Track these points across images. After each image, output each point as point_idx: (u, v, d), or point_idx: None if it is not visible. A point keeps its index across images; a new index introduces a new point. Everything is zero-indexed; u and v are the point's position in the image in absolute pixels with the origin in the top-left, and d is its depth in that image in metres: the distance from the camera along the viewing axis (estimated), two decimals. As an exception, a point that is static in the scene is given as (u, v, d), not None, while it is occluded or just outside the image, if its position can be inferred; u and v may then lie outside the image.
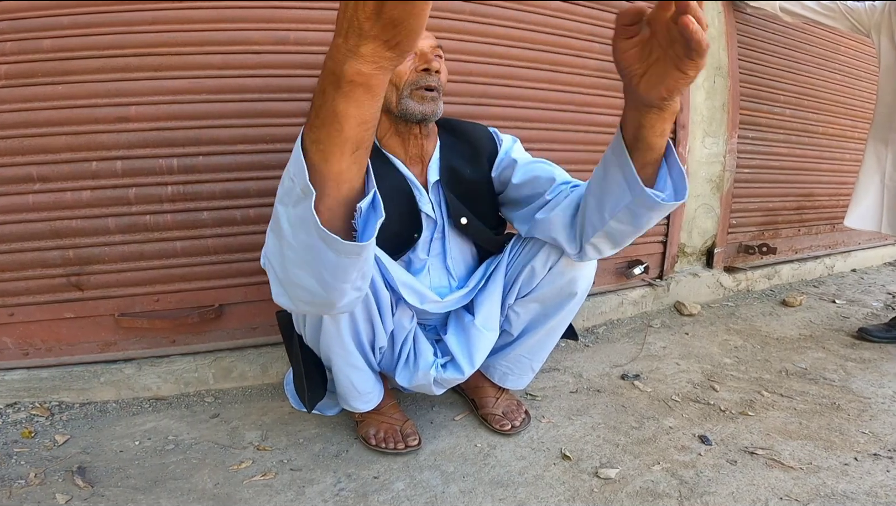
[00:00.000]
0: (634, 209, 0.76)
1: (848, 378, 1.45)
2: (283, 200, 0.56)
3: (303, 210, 0.53)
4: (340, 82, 0.47)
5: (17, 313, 1.25)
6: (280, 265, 0.61)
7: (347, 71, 0.46)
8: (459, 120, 1.12)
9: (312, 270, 0.59)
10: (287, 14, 1.29)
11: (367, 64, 0.45)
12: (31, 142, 1.19)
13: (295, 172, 0.52)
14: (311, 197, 0.51)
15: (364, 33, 0.43)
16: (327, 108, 0.49)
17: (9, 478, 0.99)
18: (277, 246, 0.60)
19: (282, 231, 0.58)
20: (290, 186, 0.54)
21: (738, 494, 0.95)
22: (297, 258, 0.59)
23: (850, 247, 2.83)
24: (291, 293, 0.64)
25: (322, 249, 0.55)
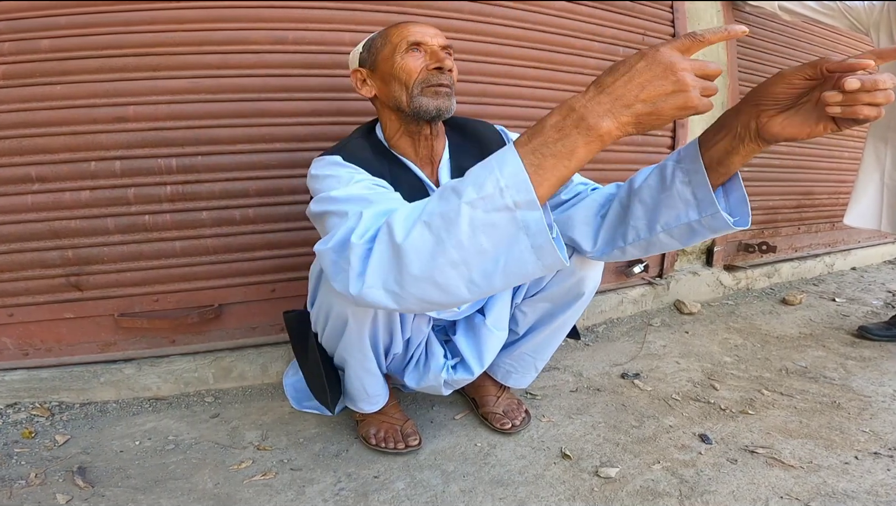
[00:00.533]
0: (697, 228, 0.75)
1: (848, 377, 1.45)
2: (476, 203, 0.57)
3: (502, 219, 0.57)
4: (590, 133, 0.54)
5: (17, 314, 1.25)
6: (426, 262, 0.60)
7: (602, 127, 0.53)
8: (467, 118, 1.11)
9: (473, 271, 0.60)
10: (285, 13, 1.29)
11: (617, 129, 0.53)
12: (30, 142, 1.19)
13: (508, 184, 0.56)
14: (537, 213, 0.55)
15: (633, 110, 0.53)
16: (566, 147, 0.55)
17: (9, 478, 0.99)
18: (433, 243, 0.59)
19: (453, 230, 0.58)
20: (493, 193, 0.56)
21: (738, 492, 0.95)
22: (459, 259, 0.59)
23: (850, 245, 2.83)
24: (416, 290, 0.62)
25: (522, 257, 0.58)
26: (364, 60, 0.97)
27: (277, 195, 1.33)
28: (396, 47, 0.92)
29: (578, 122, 0.54)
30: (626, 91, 0.52)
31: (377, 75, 0.95)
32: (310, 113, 1.33)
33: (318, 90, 1.33)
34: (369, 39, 0.98)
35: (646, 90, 0.52)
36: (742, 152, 0.67)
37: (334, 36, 1.33)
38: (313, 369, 1.04)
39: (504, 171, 0.56)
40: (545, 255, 0.57)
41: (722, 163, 0.69)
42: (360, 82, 0.98)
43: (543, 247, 0.57)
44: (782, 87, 0.61)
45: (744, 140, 0.66)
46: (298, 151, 1.32)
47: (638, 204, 0.81)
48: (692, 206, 0.74)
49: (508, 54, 1.56)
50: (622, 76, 0.53)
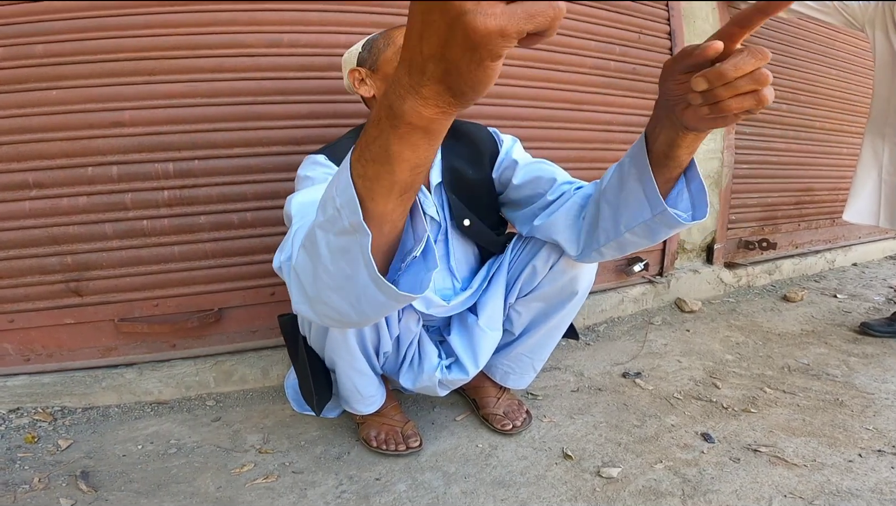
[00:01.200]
0: (653, 226, 0.73)
1: (851, 374, 1.44)
2: (324, 226, 0.51)
3: (348, 243, 0.49)
4: (398, 122, 0.41)
5: (18, 320, 1.25)
6: (311, 284, 0.56)
7: (407, 111, 0.39)
8: (459, 120, 1.10)
9: (349, 299, 0.54)
10: (280, 16, 1.29)
11: (429, 107, 0.39)
12: (26, 148, 1.19)
13: (343, 204, 0.47)
14: (366, 238, 0.47)
15: (427, 73, 0.37)
16: (380, 146, 0.43)
17: (13, 483, 0.99)
18: (310, 266, 0.55)
19: (319, 255, 0.53)
20: (334, 215, 0.49)
21: (741, 491, 0.95)
22: (333, 284, 0.54)
23: (850, 241, 2.82)
24: (318, 310, 0.59)
25: (370, 290, 0.51)
26: (364, 60, 0.97)
27: (275, 199, 1.33)
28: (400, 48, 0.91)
29: (388, 110, 0.41)
30: (412, 51, 0.37)
31: (378, 76, 0.95)
32: (306, 116, 1.33)
33: (314, 93, 1.32)
34: (369, 39, 0.98)
35: (424, 39, 0.35)
36: (683, 143, 0.62)
37: (329, 38, 1.33)
38: (302, 372, 1.04)
39: (339, 186, 0.47)
40: (382, 288, 0.50)
41: (669, 156, 0.65)
42: (357, 82, 0.98)
43: (377, 280, 0.49)
44: (670, 83, 0.57)
45: (676, 130, 0.61)
46: (295, 155, 1.32)
47: (605, 204, 0.80)
48: (644, 204, 0.71)
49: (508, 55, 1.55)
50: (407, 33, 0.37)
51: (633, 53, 1.80)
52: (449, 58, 0.35)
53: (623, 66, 1.79)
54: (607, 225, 0.81)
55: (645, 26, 1.83)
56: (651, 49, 1.85)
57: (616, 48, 1.77)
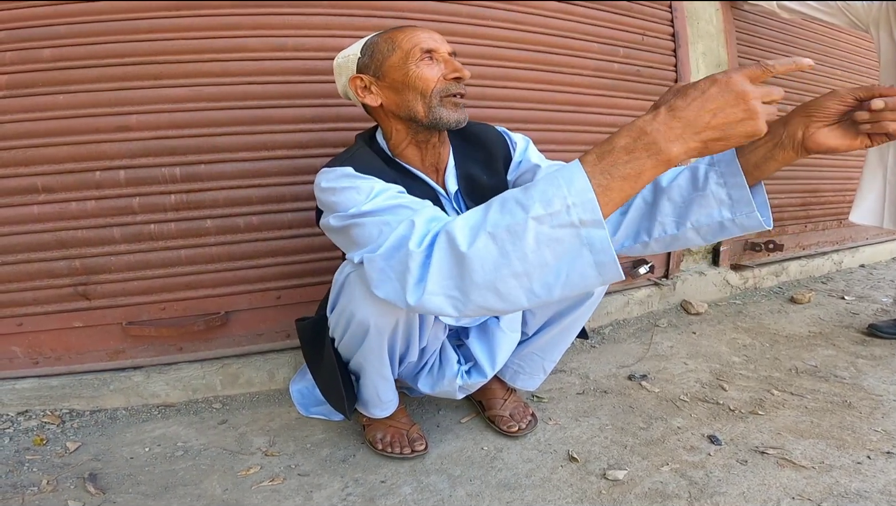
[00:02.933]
0: (729, 226, 0.80)
1: (859, 375, 1.43)
2: (543, 219, 0.59)
3: (567, 235, 0.59)
4: (660, 157, 0.56)
5: (26, 323, 1.26)
6: (491, 271, 0.62)
7: (672, 152, 0.56)
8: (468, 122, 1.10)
9: (533, 282, 0.62)
10: (284, 20, 1.30)
11: (685, 154, 0.56)
12: (35, 152, 1.20)
13: (576, 203, 0.58)
14: (601, 231, 0.57)
15: (701, 135, 0.55)
16: (634, 169, 0.57)
17: (21, 485, 1.00)
18: (497, 254, 0.61)
19: (519, 243, 0.60)
20: (560, 210, 0.58)
21: (748, 494, 0.94)
22: (521, 271, 0.61)
23: (857, 242, 2.80)
24: (477, 298, 0.64)
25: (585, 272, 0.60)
26: (366, 67, 0.92)
27: (281, 202, 1.34)
28: (409, 55, 0.88)
29: (650, 145, 0.56)
30: (698, 117, 0.55)
31: (384, 83, 0.91)
32: (311, 119, 1.33)
33: (318, 96, 1.33)
34: (368, 43, 0.93)
35: (717, 117, 0.54)
36: (780, 159, 0.72)
37: (333, 42, 1.34)
38: (329, 375, 1.02)
39: (572, 189, 0.58)
40: (606, 271, 0.59)
41: (759, 167, 0.74)
42: (361, 90, 0.93)
43: (606, 263, 0.59)
44: (835, 102, 0.68)
45: (785, 148, 0.71)
46: (301, 158, 1.33)
47: (666, 202, 0.84)
48: (726, 205, 0.78)
49: (506, 56, 1.56)
50: (694, 101, 0.55)
51: (636, 55, 1.80)
52: (727, 133, 0.55)
53: (626, 68, 1.79)
54: (666, 220, 0.85)
55: (648, 28, 1.83)
56: (654, 51, 1.85)
57: (619, 50, 1.77)
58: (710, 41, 2.00)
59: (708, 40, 1.99)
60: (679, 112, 0.55)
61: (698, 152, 0.56)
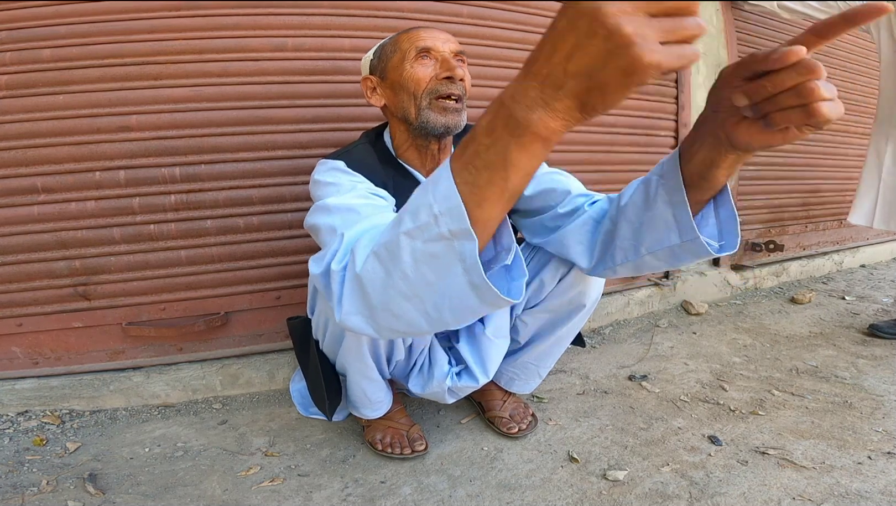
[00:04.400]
0: (678, 253, 0.69)
1: (860, 376, 1.43)
2: (413, 234, 0.51)
3: (439, 249, 0.50)
4: (522, 132, 0.42)
5: (26, 324, 1.26)
6: (380, 292, 0.56)
7: (534, 122, 0.41)
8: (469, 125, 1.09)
9: (424, 306, 0.55)
10: (284, 21, 1.30)
11: (557, 119, 0.41)
12: (35, 153, 1.21)
13: (443, 211, 0.48)
14: (472, 243, 0.48)
15: (565, 88, 0.39)
16: (496, 153, 0.44)
17: (21, 485, 1.00)
18: (382, 274, 0.55)
19: (398, 263, 0.53)
20: (428, 222, 0.49)
21: (749, 494, 0.94)
22: (409, 292, 0.54)
23: (858, 242, 2.80)
24: (380, 319, 0.58)
25: (463, 292, 0.52)
26: (374, 68, 0.94)
27: (281, 203, 1.34)
28: (405, 54, 0.88)
29: (508, 119, 0.42)
30: (551, 67, 0.39)
31: (387, 84, 0.92)
32: (311, 120, 1.33)
33: (318, 97, 1.33)
34: (380, 45, 0.95)
35: (574, 59, 0.37)
36: (724, 164, 0.57)
37: (334, 42, 1.34)
38: (314, 376, 1.04)
39: (437, 195, 0.49)
40: (483, 293, 0.51)
41: (705, 177, 0.60)
42: (370, 91, 0.94)
43: (479, 285, 0.50)
44: (726, 91, 0.51)
45: (721, 148, 0.56)
46: (301, 159, 1.33)
47: (625, 223, 0.75)
48: (673, 229, 0.66)
49: (508, 57, 1.56)
50: (544, 47, 0.39)
51: (636, 55, 1.80)
52: (598, 79, 0.37)
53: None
54: (626, 245, 0.76)
55: (648, 28, 1.82)
56: (655, 51, 1.85)
57: (620, 50, 1.76)
58: (710, 41, 2.00)
59: (708, 40, 1.99)
60: (532, 66, 0.40)
61: (576, 112, 0.40)
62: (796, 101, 0.44)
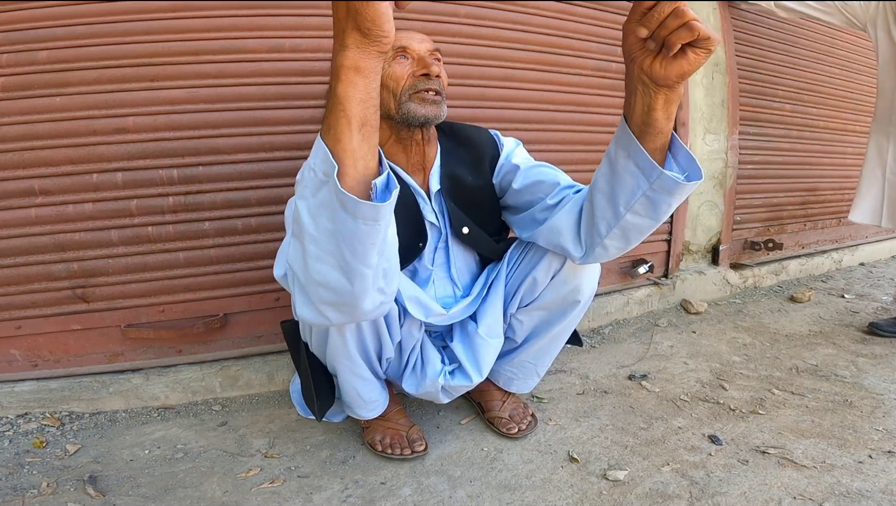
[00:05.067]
0: (653, 196, 0.74)
1: (860, 374, 1.43)
2: (304, 194, 0.61)
3: (324, 194, 0.60)
4: (338, 72, 0.57)
5: (25, 326, 1.26)
6: (302, 267, 0.64)
7: (340, 60, 0.56)
8: (461, 124, 1.10)
9: (334, 257, 0.62)
10: (281, 21, 1.29)
11: (353, 50, 0.56)
12: (32, 155, 1.20)
13: (316, 161, 0.60)
14: (334, 171, 0.58)
15: (343, 27, 0.55)
16: (332, 97, 0.58)
17: (21, 487, 0.99)
18: (298, 248, 0.64)
19: (303, 228, 0.62)
20: (310, 176, 0.61)
21: (750, 494, 0.94)
22: (318, 251, 0.62)
23: (857, 241, 2.80)
24: (314, 296, 0.65)
25: (343, 219, 0.60)
26: None
27: (279, 204, 1.33)
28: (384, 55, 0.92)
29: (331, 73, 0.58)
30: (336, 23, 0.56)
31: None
32: (308, 121, 1.33)
33: (315, 98, 1.33)
34: None
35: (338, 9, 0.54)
36: (657, 105, 0.67)
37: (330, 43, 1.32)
38: (304, 377, 1.04)
39: (313, 153, 0.61)
40: (349, 206, 0.59)
41: (648, 123, 0.69)
42: None
43: (344, 200, 0.59)
44: (631, 39, 0.63)
45: (649, 92, 0.66)
46: (298, 160, 1.33)
47: (599, 195, 0.81)
48: (639, 176, 0.74)
49: (506, 57, 1.56)
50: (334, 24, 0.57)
51: (635, 55, 1.80)
52: (352, 7, 0.53)
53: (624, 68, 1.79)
54: (606, 214, 0.81)
55: (647, 28, 1.82)
56: (653, 50, 1.85)
57: (618, 50, 1.76)
58: (708, 40, 1.99)
59: (706, 39, 1.99)
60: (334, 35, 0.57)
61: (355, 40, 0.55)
62: (678, 21, 0.57)
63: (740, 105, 2.11)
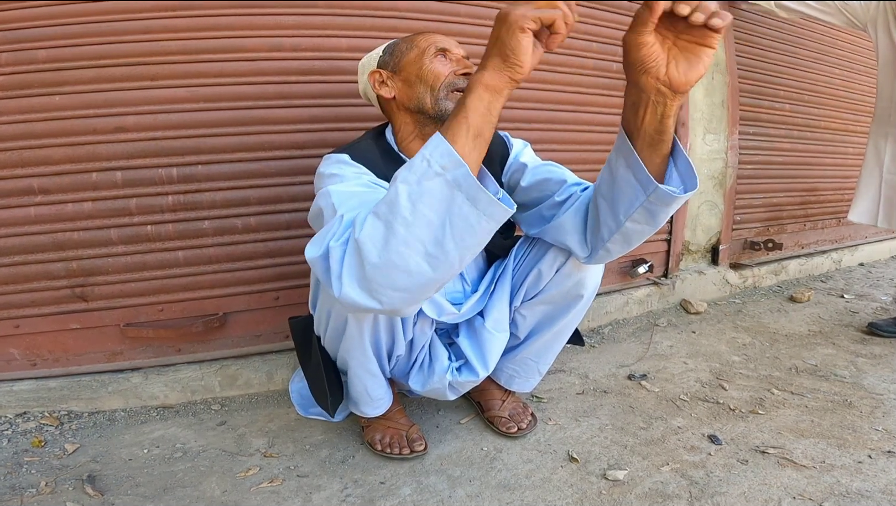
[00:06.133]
0: (650, 207, 0.76)
1: (859, 374, 1.43)
2: (408, 180, 0.64)
3: (435, 184, 0.63)
4: (472, 86, 0.65)
5: (23, 325, 1.26)
6: (381, 248, 0.64)
7: (478, 78, 0.65)
8: None
9: (426, 244, 0.64)
10: (280, 20, 1.29)
11: (490, 71, 0.64)
12: (31, 154, 1.20)
13: (432, 154, 0.63)
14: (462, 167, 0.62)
15: (489, 52, 0.65)
16: (459, 105, 0.65)
17: (20, 487, 0.99)
18: (381, 229, 0.64)
19: (396, 210, 0.64)
20: (422, 166, 0.64)
21: (749, 494, 0.94)
22: (408, 236, 0.64)
23: (857, 241, 2.80)
24: (384, 279, 0.65)
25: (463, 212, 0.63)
26: (385, 63, 0.99)
27: (278, 203, 1.33)
28: (424, 52, 0.94)
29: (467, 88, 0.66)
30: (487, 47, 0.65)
31: (400, 77, 0.97)
32: (308, 120, 1.33)
33: (315, 97, 1.33)
34: (391, 44, 1.00)
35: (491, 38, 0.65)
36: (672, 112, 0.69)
37: (330, 42, 1.33)
38: (315, 373, 1.04)
39: (429, 147, 0.64)
40: (481, 203, 0.63)
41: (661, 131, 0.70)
42: (378, 83, 0.98)
43: (478, 196, 0.63)
44: (644, 50, 0.65)
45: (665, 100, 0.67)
46: (298, 159, 1.33)
47: (601, 200, 0.84)
48: (637, 188, 0.76)
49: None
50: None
51: (635, 54, 1.80)
52: (498, 36, 0.64)
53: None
54: (607, 219, 0.84)
55: (647, 27, 1.82)
56: (653, 50, 1.84)
57: (619, 50, 1.75)
58: (709, 40, 1.99)
59: (706, 39, 1.99)
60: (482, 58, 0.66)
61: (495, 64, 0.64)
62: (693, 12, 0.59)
63: (740, 105, 2.11)
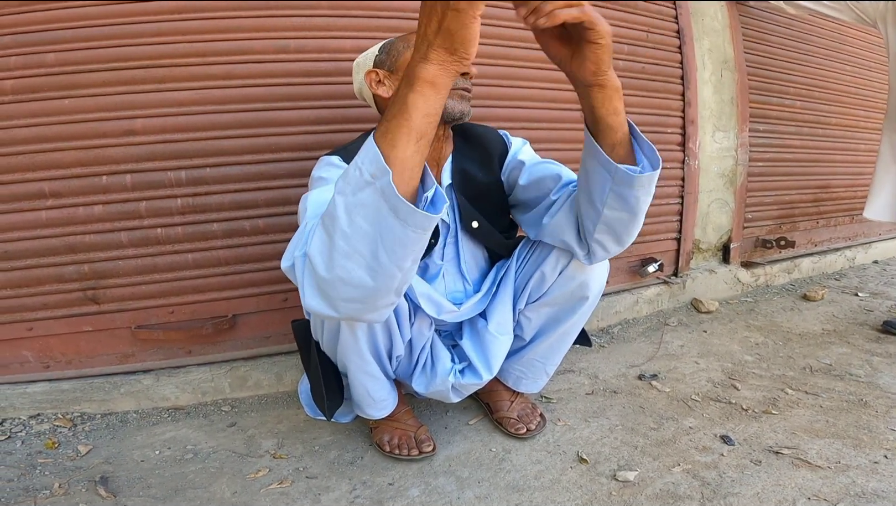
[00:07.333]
0: (618, 191, 0.78)
1: (874, 373, 1.41)
2: (343, 190, 0.61)
3: (367, 194, 0.59)
4: (413, 81, 0.58)
5: (36, 328, 1.28)
6: (326, 261, 0.63)
7: (420, 72, 0.57)
8: (471, 123, 1.11)
9: (363, 256, 0.62)
10: (286, 22, 1.30)
11: (434, 65, 0.57)
12: (42, 157, 1.21)
13: (364, 161, 0.60)
14: (387, 175, 0.58)
15: (430, 42, 0.57)
16: (399, 102, 0.59)
17: (33, 488, 1.00)
18: (326, 241, 0.63)
19: (336, 222, 0.61)
20: (355, 175, 0.60)
21: (763, 494, 0.93)
22: (348, 248, 0.62)
23: (870, 238, 2.76)
24: (333, 292, 0.64)
25: (389, 224, 0.60)
26: (382, 62, 0.99)
27: (286, 205, 1.34)
28: None
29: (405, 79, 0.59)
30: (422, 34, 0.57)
31: (396, 76, 0.97)
32: (314, 121, 1.33)
33: (321, 98, 1.33)
34: (387, 43, 1.00)
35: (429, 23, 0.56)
36: (597, 104, 0.72)
37: (335, 43, 1.34)
38: (314, 376, 1.04)
39: (362, 152, 0.61)
40: (402, 213, 0.59)
41: (596, 121, 0.74)
42: (375, 83, 0.98)
43: (398, 206, 0.59)
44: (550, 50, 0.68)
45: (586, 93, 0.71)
46: (305, 161, 1.33)
47: (581, 193, 0.86)
48: (604, 173, 0.78)
49: (511, 56, 1.55)
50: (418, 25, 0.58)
51: (641, 52, 1.79)
52: (445, 26, 0.55)
53: (632, 66, 1.77)
54: (589, 210, 0.85)
55: (653, 25, 1.81)
56: (659, 48, 1.83)
57: (625, 47, 1.75)
58: (716, 37, 1.98)
59: (713, 36, 1.97)
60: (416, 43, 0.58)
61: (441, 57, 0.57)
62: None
63: (750, 102, 2.09)
